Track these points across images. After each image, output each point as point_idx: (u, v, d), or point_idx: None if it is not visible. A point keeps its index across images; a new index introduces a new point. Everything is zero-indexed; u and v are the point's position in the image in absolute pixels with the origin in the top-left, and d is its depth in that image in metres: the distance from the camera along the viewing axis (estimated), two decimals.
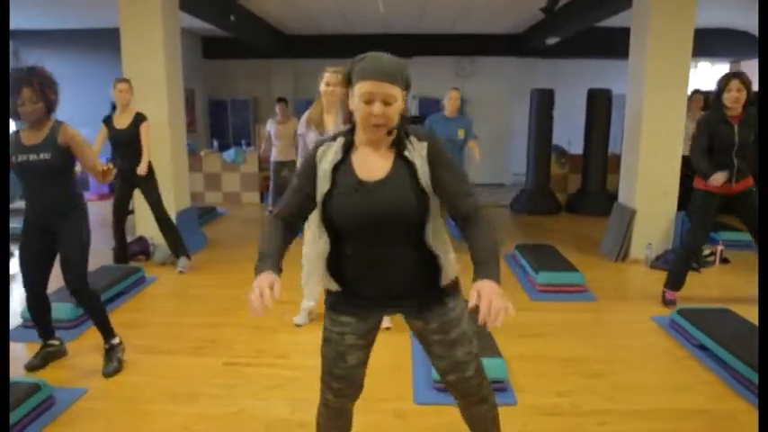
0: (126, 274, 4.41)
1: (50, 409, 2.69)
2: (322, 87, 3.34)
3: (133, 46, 5.32)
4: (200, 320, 3.85)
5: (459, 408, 1.92)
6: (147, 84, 5.26)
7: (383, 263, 1.65)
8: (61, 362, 3.21)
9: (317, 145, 1.70)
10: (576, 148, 8.34)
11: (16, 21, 8.78)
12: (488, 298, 1.36)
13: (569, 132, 8.72)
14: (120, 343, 3.18)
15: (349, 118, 1.66)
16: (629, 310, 4.09)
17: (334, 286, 1.73)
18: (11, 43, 9.58)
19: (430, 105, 10.28)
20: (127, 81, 4.72)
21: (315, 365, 3.04)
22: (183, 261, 4.96)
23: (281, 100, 7.20)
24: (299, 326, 3.70)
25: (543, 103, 7.82)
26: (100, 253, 4.92)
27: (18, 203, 7.91)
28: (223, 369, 3.13)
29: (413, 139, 1.64)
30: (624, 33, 5.63)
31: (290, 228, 1.71)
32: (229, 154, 8.34)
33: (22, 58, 9.74)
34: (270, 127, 7.17)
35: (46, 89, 2.81)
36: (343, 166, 1.63)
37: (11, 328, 3.70)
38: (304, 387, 2.90)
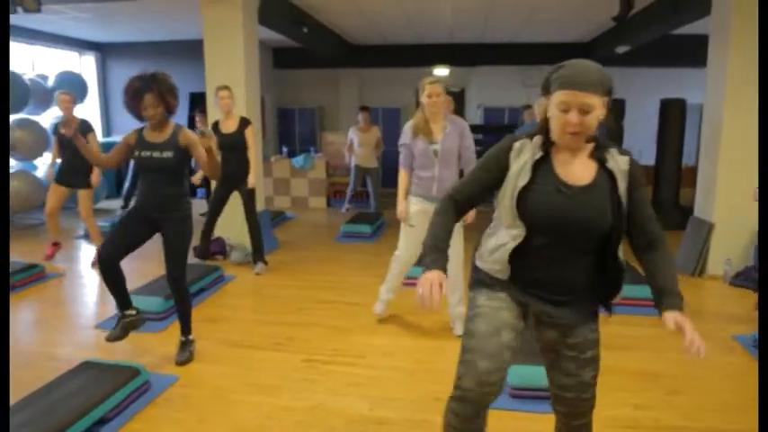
0: (207, 271, 4.66)
1: (147, 392, 2.90)
2: (424, 99, 3.44)
3: (216, 57, 5.63)
4: (277, 318, 4.02)
5: (559, 424, 1.91)
6: None
7: (563, 264, 1.66)
8: (155, 350, 3.43)
9: (513, 139, 1.71)
10: (648, 159, 8.12)
11: (103, 35, 9.43)
12: (690, 334, 1.53)
13: (640, 143, 8.49)
14: (194, 340, 3.39)
15: (544, 125, 1.67)
16: (707, 327, 3.96)
17: (505, 276, 1.70)
18: (98, 54, 10.29)
19: (494, 115, 10.27)
20: (227, 88, 4.98)
21: (392, 366, 3.20)
22: (260, 266, 5.19)
23: (365, 109, 7.39)
24: (377, 315, 3.88)
25: (613, 113, 7.65)
26: None
27: (103, 203, 8.49)
28: (302, 365, 3.27)
29: (612, 151, 1.68)
30: (699, 41, 5.48)
31: (460, 212, 1.75)
32: (298, 160, 8.62)
33: (109, 68, 10.43)
34: (352, 134, 7.37)
35: (166, 94, 3.05)
36: (543, 165, 1.64)
37: (107, 317, 3.99)
38: (383, 386, 3.00)
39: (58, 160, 5.32)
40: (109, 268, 3.15)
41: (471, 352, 1.69)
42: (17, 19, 7.24)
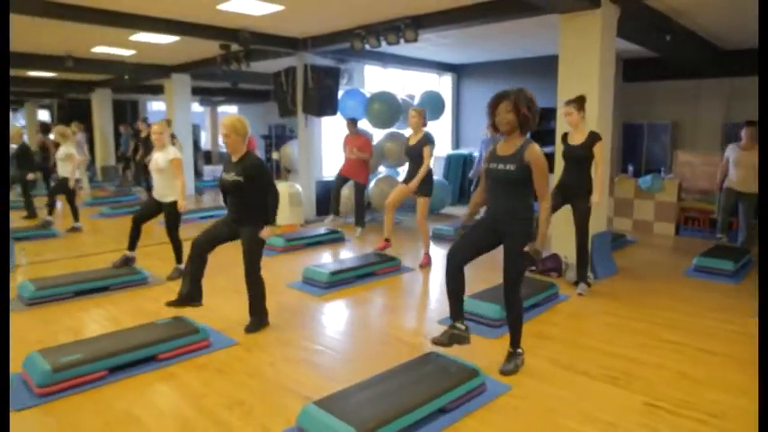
0: (543, 287, 4.64)
1: (481, 395, 3.02)
2: None
3: (569, 72, 5.56)
4: (613, 349, 3.72)
5: None
6: None
7: None
8: (489, 355, 3.53)
9: None
10: None
11: (459, 57, 10.40)
12: None
13: None
14: (522, 353, 3.37)
15: None
16: None
17: None
18: (454, 75, 11.40)
19: None
20: (572, 103, 4.87)
21: None
22: (582, 287, 4.94)
23: (751, 123, 6.35)
24: None
25: None
26: None
27: (447, 209, 9.37)
28: (642, 408, 2.94)
29: None
30: None
31: None
32: (645, 180, 7.88)
33: (462, 86, 11.47)
34: (729, 153, 6.44)
35: (520, 105, 3.10)
36: None
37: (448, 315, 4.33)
38: None
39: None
40: (454, 272, 3.32)
41: None
42: (394, 49, 8.55)
